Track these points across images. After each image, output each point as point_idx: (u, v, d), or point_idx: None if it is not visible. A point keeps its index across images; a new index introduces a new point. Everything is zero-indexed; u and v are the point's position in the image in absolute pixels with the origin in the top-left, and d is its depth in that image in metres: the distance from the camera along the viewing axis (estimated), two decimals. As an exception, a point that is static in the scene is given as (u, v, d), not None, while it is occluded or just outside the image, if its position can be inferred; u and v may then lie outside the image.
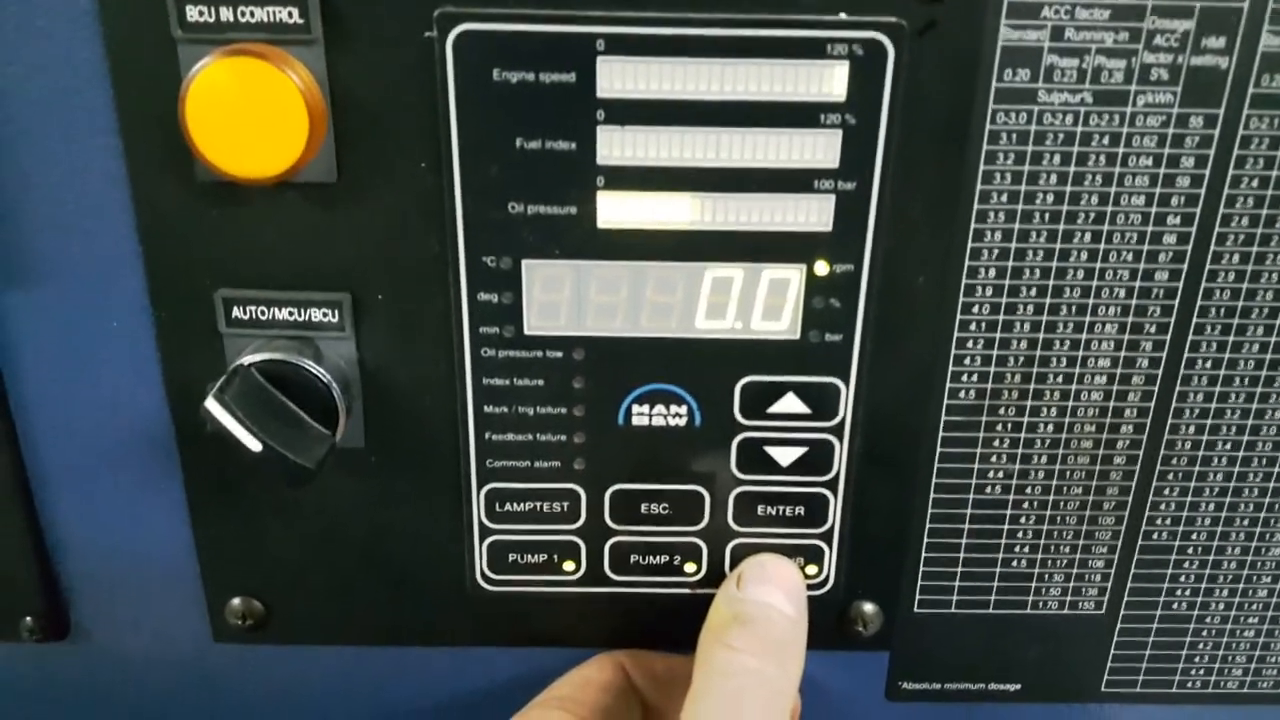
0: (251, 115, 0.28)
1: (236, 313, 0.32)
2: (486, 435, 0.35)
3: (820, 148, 0.31)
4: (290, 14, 0.29)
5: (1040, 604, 0.38)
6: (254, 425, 0.31)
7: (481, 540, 0.36)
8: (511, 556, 0.37)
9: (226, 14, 0.29)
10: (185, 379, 0.33)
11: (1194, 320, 0.33)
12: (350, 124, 0.30)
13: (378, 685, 0.40)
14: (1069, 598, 0.38)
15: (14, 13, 0.29)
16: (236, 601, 0.37)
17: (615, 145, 0.31)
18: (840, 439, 0.35)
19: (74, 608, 0.38)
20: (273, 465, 0.31)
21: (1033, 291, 0.33)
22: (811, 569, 0.37)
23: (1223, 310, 0.33)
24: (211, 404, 0.30)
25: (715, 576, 0.37)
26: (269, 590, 0.37)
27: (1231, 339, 0.34)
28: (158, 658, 0.39)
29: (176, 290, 0.32)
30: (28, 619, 0.37)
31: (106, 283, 0.33)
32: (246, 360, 0.32)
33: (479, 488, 0.35)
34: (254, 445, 0.31)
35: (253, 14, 0.29)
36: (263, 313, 0.32)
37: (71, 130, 0.31)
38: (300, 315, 0.32)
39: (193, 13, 0.29)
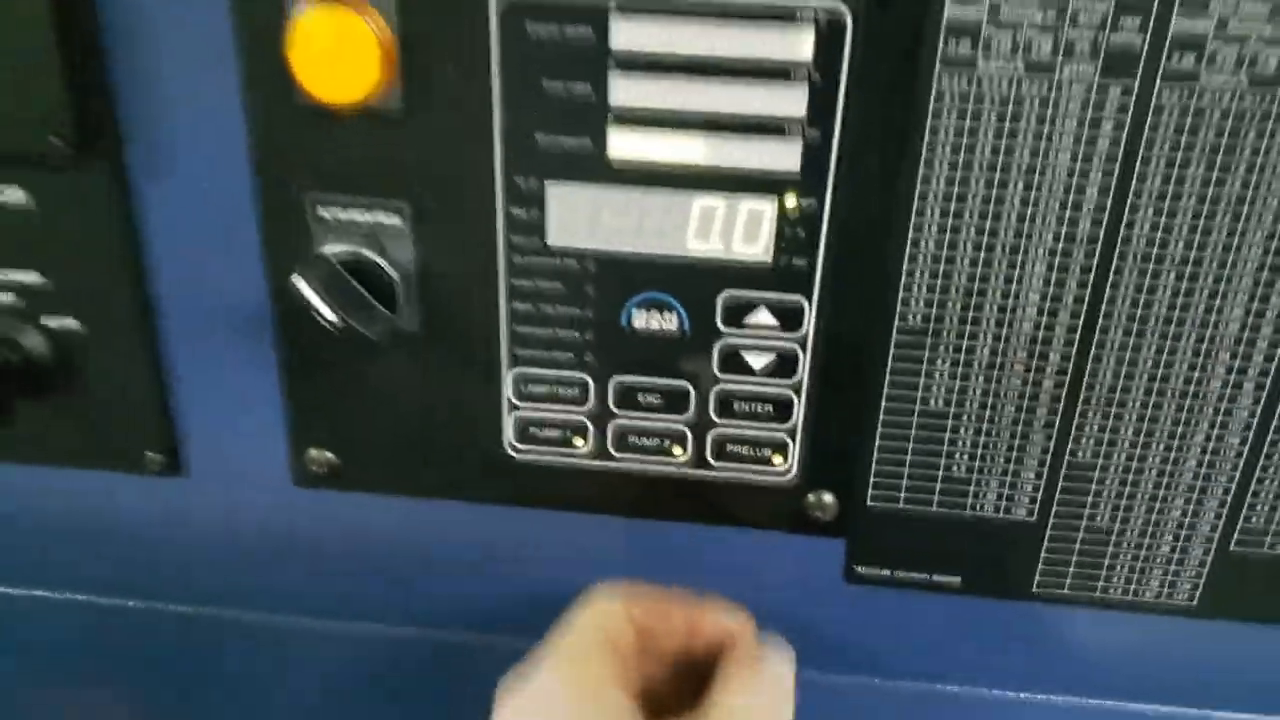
0: (337, 51, 0.37)
1: (321, 212, 0.41)
2: (515, 327, 0.43)
3: (790, 100, 0.37)
4: (371, -28, 0.37)
5: (978, 507, 0.44)
6: (330, 302, 0.40)
7: (510, 415, 0.44)
8: (533, 430, 0.44)
9: (323, -30, 0.37)
10: (281, 264, 0.42)
11: (1113, 264, 0.39)
12: (416, 64, 0.38)
13: (429, 534, 0.49)
14: (1004, 504, 0.44)
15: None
16: (314, 452, 0.46)
17: (624, 92, 0.38)
18: (804, 349, 0.41)
19: (187, 448, 0.48)
20: (346, 338, 0.40)
21: (971, 232, 0.39)
22: (778, 459, 0.44)
23: (1139, 257, 0.39)
24: (297, 279, 0.39)
25: (700, 460, 0.44)
26: (341, 445, 0.46)
27: (1147, 282, 0.39)
28: (249, 496, 0.49)
29: (278, 192, 0.41)
30: (151, 453, 0.47)
31: (223, 185, 0.42)
32: (326, 250, 0.41)
33: (508, 370, 0.43)
34: (331, 316, 0.40)
35: (343, -29, 0.37)
36: (341, 214, 0.41)
37: (201, 61, 0.39)
38: (370, 217, 0.41)
39: (297, -31, 0.37)
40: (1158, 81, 0.36)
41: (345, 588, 0.51)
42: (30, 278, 0.44)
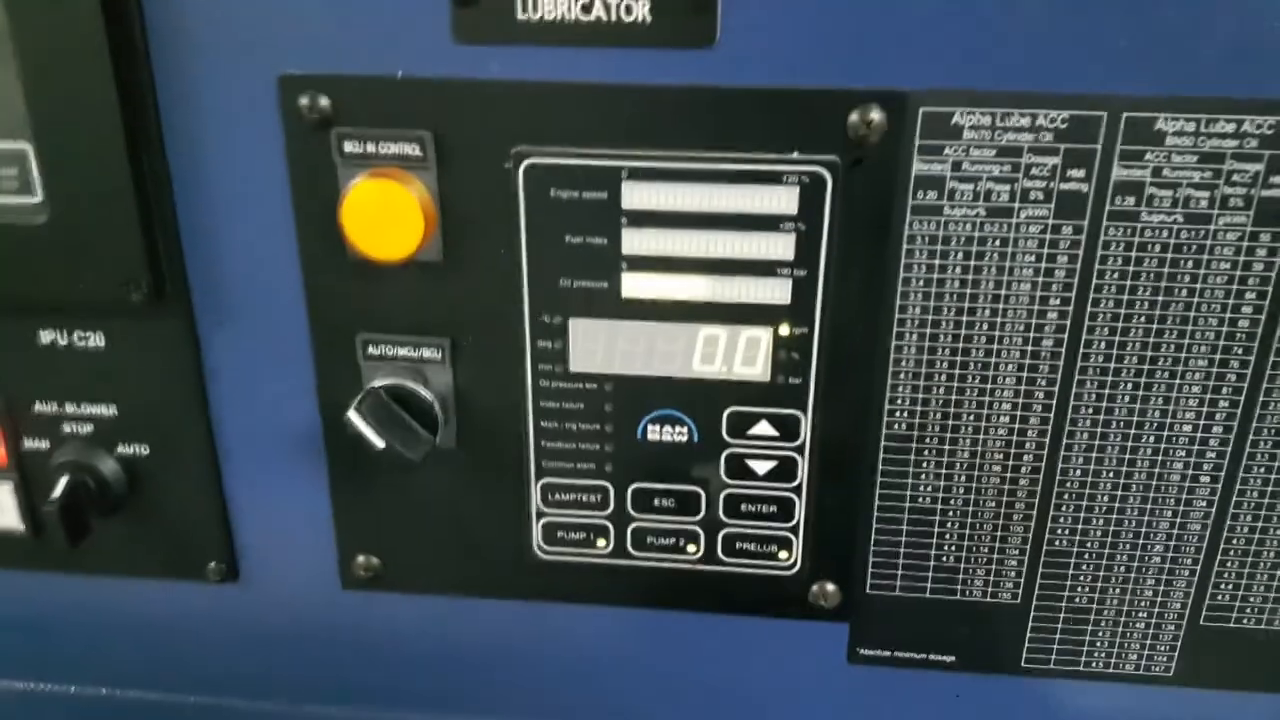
0: (386, 217, 0.42)
1: (371, 350, 0.46)
2: (543, 443, 0.47)
3: (780, 246, 0.42)
4: (414, 149, 0.42)
5: (967, 592, 0.48)
6: (379, 429, 0.45)
7: (537, 520, 0.49)
8: (559, 533, 0.49)
9: (371, 147, 0.42)
10: (333, 395, 0.47)
11: (1075, 376, 0.44)
12: (454, 224, 0.43)
13: (465, 633, 0.53)
14: (990, 588, 0.48)
15: (232, 157, 0.44)
16: (360, 558, 0.51)
17: (635, 242, 0.43)
18: (802, 455, 0.46)
19: (244, 558, 0.52)
20: (391, 458, 0.45)
21: (946, 352, 0.44)
22: (783, 554, 0.48)
23: (1097, 369, 0.44)
24: (352, 414, 0.44)
25: (711, 556, 0.49)
26: (385, 551, 0.51)
27: (1106, 391, 0.44)
28: (301, 600, 0.53)
29: (331, 333, 0.46)
30: (212, 563, 0.52)
31: (281, 328, 0.47)
32: (376, 383, 0.46)
33: (536, 481, 0.48)
34: (379, 443, 0.45)
35: (389, 148, 0.42)
36: (389, 350, 0.46)
37: (263, 224, 0.45)
38: (414, 353, 0.46)
39: (349, 146, 0.42)
40: (1104, 221, 0.41)
41: (386, 682, 0.55)
42: (106, 410, 0.49)
